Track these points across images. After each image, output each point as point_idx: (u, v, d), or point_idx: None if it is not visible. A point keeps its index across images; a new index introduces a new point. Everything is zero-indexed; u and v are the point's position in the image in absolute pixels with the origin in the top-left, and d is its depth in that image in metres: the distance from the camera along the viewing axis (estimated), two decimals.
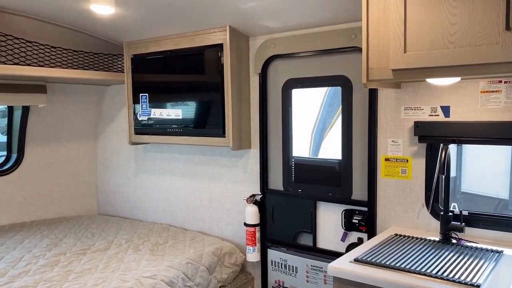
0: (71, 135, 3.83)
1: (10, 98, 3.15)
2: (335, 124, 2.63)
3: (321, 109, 2.70)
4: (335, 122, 2.63)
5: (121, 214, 3.88)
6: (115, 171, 3.90)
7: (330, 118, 2.66)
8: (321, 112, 2.71)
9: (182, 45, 3.01)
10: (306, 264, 2.74)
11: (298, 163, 2.78)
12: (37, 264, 2.61)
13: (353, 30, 2.43)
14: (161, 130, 3.19)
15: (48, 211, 3.73)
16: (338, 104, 2.60)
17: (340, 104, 2.58)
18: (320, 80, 2.63)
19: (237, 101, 2.85)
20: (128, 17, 2.81)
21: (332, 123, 2.66)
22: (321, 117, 2.71)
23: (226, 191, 3.16)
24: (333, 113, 2.65)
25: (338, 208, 2.63)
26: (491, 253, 1.93)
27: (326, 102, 2.68)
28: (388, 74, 1.93)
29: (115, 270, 2.52)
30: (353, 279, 1.78)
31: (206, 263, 2.73)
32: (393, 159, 2.39)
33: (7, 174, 3.47)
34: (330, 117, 2.66)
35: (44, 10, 2.77)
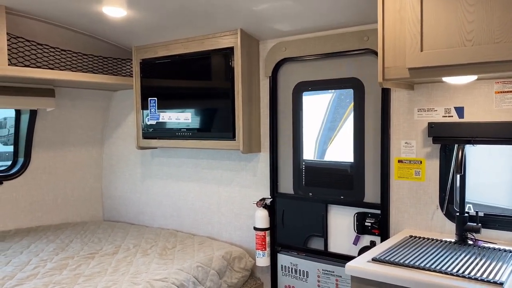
0: (77, 140, 3.81)
1: (19, 101, 3.14)
2: (342, 128, 2.62)
3: (326, 115, 2.69)
4: (341, 126, 2.63)
5: (127, 220, 3.85)
6: (121, 176, 3.87)
7: (335, 124, 2.65)
8: (326, 117, 2.70)
9: (192, 49, 3.02)
10: (318, 268, 2.71)
11: (308, 166, 2.76)
12: (45, 267, 2.57)
13: (365, 32, 2.44)
14: (170, 134, 3.18)
15: (53, 216, 3.70)
16: (344, 108, 2.59)
17: (346, 108, 2.58)
18: (331, 83, 2.64)
19: (247, 104, 2.85)
20: (138, 21, 2.82)
21: (338, 128, 2.64)
22: (326, 122, 2.69)
23: (235, 195, 3.14)
24: (338, 119, 2.64)
25: (350, 211, 2.61)
26: (510, 253, 1.91)
27: (331, 108, 2.67)
28: (404, 73, 1.93)
29: (125, 273, 2.49)
30: (372, 278, 1.75)
31: (216, 267, 2.70)
32: (406, 161, 2.38)
33: (13, 178, 3.44)
34: (336, 122, 2.64)
35: (56, 14, 2.77)
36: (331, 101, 2.67)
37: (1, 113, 9.56)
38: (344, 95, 2.61)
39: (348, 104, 2.59)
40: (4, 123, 9.85)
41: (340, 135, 2.64)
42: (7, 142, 8.02)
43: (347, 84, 2.58)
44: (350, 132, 2.60)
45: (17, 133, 3.52)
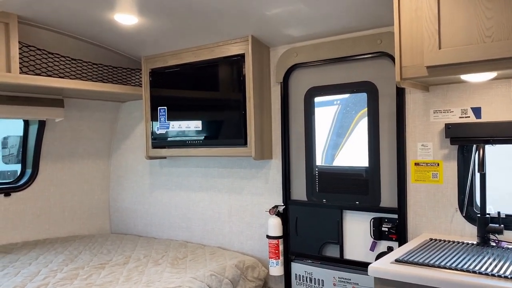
0: (85, 152, 3.79)
1: (28, 111, 3.13)
2: (353, 132, 2.60)
3: (335, 120, 2.68)
4: (352, 131, 2.61)
5: (134, 233, 3.79)
6: (129, 188, 3.83)
7: (345, 129, 2.63)
8: (334, 123, 2.68)
9: (202, 57, 3.02)
10: (333, 276, 2.65)
11: (322, 172, 2.73)
12: (56, 277, 2.52)
13: (379, 36, 2.44)
14: (180, 143, 3.15)
15: (60, 229, 3.64)
16: (355, 113, 2.58)
17: (358, 112, 2.56)
18: (344, 87, 2.62)
19: (259, 111, 2.84)
20: (148, 29, 2.83)
21: (348, 134, 2.62)
22: (335, 128, 2.67)
23: (247, 204, 3.10)
24: (349, 124, 2.62)
25: (366, 217, 2.56)
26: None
27: (340, 113, 2.65)
28: (422, 71, 1.92)
29: (138, 282, 2.43)
30: (397, 279, 1.70)
31: (230, 276, 2.64)
32: (423, 164, 2.35)
33: (21, 190, 3.41)
34: (345, 127, 2.62)
35: (68, 22, 2.78)
36: (341, 106, 2.66)
37: (3, 132, 9.57)
38: (354, 100, 2.59)
39: (359, 108, 2.57)
40: (5, 142, 9.84)
41: (353, 140, 2.61)
42: (8, 162, 7.99)
43: (361, 88, 2.56)
44: (364, 137, 2.57)
45: (25, 144, 3.50)
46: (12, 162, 7.44)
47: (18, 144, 7.15)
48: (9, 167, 7.27)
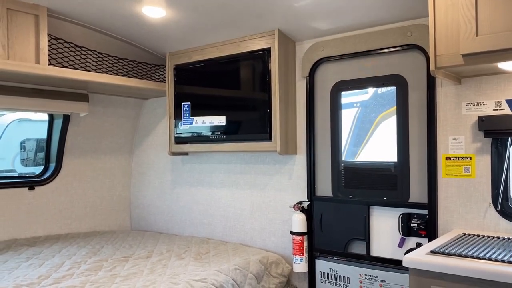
0: (108, 148, 3.80)
1: (54, 104, 3.15)
2: (379, 127, 2.57)
3: (357, 115, 2.65)
4: (376, 126, 2.57)
5: (155, 229, 3.78)
6: (151, 185, 3.83)
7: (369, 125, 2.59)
8: (357, 118, 2.65)
9: (227, 52, 3.01)
10: (360, 273, 2.60)
11: (348, 168, 2.69)
12: (80, 268, 2.51)
13: (408, 28, 2.41)
14: (203, 138, 3.14)
15: (81, 224, 3.65)
16: (384, 107, 2.54)
17: (386, 107, 2.52)
18: (372, 81, 2.59)
19: (284, 105, 2.81)
20: (175, 23, 2.83)
21: (372, 129, 2.59)
22: (360, 122, 2.64)
23: (270, 200, 3.06)
24: (369, 125, 2.59)
25: (394, 213, 2.51)
26: None
27: (367, 108, 2.62)
28: (458, 60, 1.88)
29: (162, 274, 2.41)
30: (433, 269, 1.65)
31: (254, 270, 2.60)
32: (454, 158, 2.29)
33: (45, 184, 3.42)
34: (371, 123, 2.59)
35: (96, 16, 2.80)
36: (368, 99, 2.62)
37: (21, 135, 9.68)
38: (381, 93, 2.55)
39: (388, 103, 2.53)
40: (23, 145, 9.97)
41: (380, 135, 2.57)
42: (26, 165, 8.08)
43: (390, 81, 2.53)
44: (392, 132, 2.53)
45: (49, 138, 3.52)
46: (30, 165, 7.54)
47: (35, 148, 7.24)
48: (28, 169, 7.36)
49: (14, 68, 2.50)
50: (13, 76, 2.69)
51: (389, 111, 2.54)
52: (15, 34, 2.55)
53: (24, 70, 2.54)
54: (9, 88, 2.89)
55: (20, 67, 2.52)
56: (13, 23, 2.54)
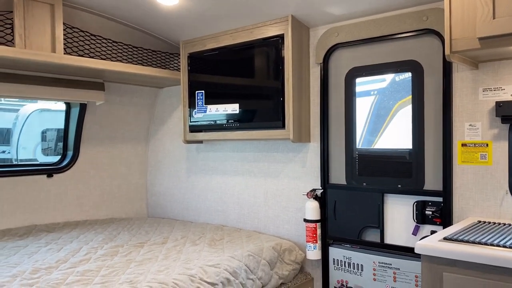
0: (124, 136, 3.85)
1: (70, 93, 3.20)
2: (397, 114, 2.53)
3: (375, 102, 2.61)
4: (395, 113, 2.53)
5: (171, 216, 3.83)
6: (166, 172, 3.87)
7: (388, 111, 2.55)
8: (374, 105, 2.61)
9: (241, 39, 3.00)
10: (373, 261, 2.59)
11: (362, 155, 2.67)
12: (97, 253, 2.56)
13: (424, 12, 2.36)
14: (217, 126, 3.15)
15: (99, 211, 3.72)
16: (400, 93, 2.50)
17: (403, 93, 2.48)
18: (387, 67, 2.55)
19: (297, 92, 2.80)
20: (188, 11, 2.83)
21: (390, 116, 2.55)
22: (377, 109, 2.60)
23: (283, 188, 3.06)
24: (392, 105, 2.55)
25: (409, 200, 2.48)
26: None
27: (384, 94, 2.58)
28: (474, 43, 1.84)
29: (176, 259, 2.45)
30: (446, 256, 1.64)
31: (267, 257, 2.62)
32: (470, 144, 2.25)
33: (63, 171, 3.49)
34: (388, 109, 2.55)
35: (110, 5, 2.83)
36: (382, 90, 2.58)
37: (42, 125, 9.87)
38: (396, 84, 2.51)
39: (406, 90, 2.49)
40: (44, 135, 10.16)
41: (393, 123, 2.53)
42: (47, 154, 8.23)
43: (405, 67, 2.48)
44: (404, 119, 2.49)
45: (67, 127, 3.58)
46: (50, 154, 7.71)
47: (56, 137, 7.39)
48: (48, 158, 7.52)
49: (30, 57, 2.54)
50: (30, 65, 2.73)
51: (406, 99, 2.50)
52: (31, 24, 2.59)
53: (41, 59, 2.58)
54: (27, 77, 2.94)
55: (37, 56, 2.57)
56: (29, 13, 2.58)
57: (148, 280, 2.07)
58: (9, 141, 10.37)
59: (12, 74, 2.86)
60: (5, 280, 2.06)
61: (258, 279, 2.48)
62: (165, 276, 2.14)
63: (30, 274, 2.15)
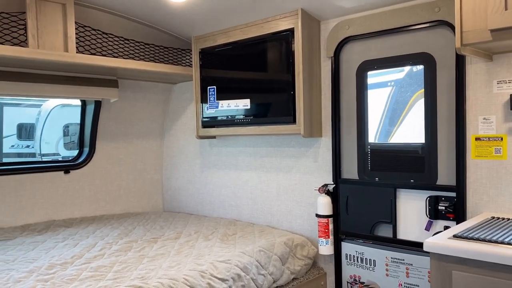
0: (139, 132, 3.89)
1: (85, 91, 3.24)
2: (412, 108, 2.48)
3: (391, 95, 2.56)
4: (411, 107, 2.48)
5: (186, 211, 3.87)
6: (181, 168, 3.91)
7: (402, 104, 2.50)
8: (390, 98, 2.56)
9: (251, 34, 2.99)
10: (386, 256, 2.57)
11: (374, 150, 2.63)
12: (111, 249, 2.61)
13: (436, 3, 2.30)
14: (229, 122, 3.16)
15: (115, 206, 3.78)
16: (414, 87, 2.45)
17: (416, 87, 2.43)
18: (399, 60, 2.50)
19: (308, 87, 2.77)
20: (198, 7, 2.83)
21: (407, 109, 2.50)
22: (392, 103, 2.55)
23: (295, 183, 3.06)
24: (407, 99, 2.49)
25: (422, 195, 2.45)
26: None
27: (398, 87, 2.53)
28: (485, 36, 1.79)
29: (188, 255, 2.48)
30: (454, 254, 1.61)
31: (279, 252, 2.62)
32: (484, 138, 2.20)
33: (80, 168, 3.56)
34: (403, 103, 2.50)
35: (121, 3, 2.85)
36: (399, 80, 2.53)
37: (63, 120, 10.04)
38: (413, 74, 2.46)
39: (418, 83, 2.44)
40: (66, 130, 10.35)
41: (410, 115, 2.49)
42: (70, 148, 8.39)
43: (417, 60, 2.43)
44: (420, 112, 2.44)
45: (83, 123, 3.64)
46: (73, 148, 7.86)
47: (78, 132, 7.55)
48: (70, 153, 7.68)
49: (43, 56, 2.58)
50: (44, 64, 2.78)
51: (423, 90, 2.44)
52: (44, 23, 2.63)
53: (53, 58, 2.63)
54: (41, 76, 2.99)
55: (50, 56, 2.61)
56: (42, 13, 2.62)
57: (159, 276, 2.10)
58: (33, 136, 10.63)
59: (26, 74, 2.91)
60: (22, 276, 2.12)
61: (269, 274, 2.49)
62: (176, 272, 2.16)
63: (46, 270, 2.21)
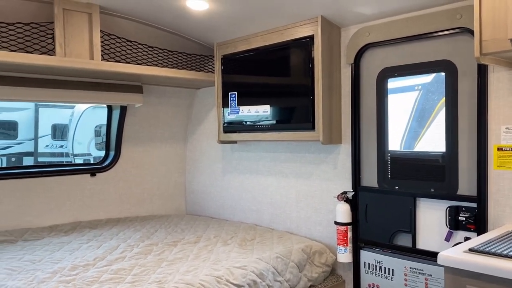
0: (163, 136, 3.97)
1: (110, 96, 3.34)
2: (437, 117, 2.43)
3: (416, 104, 2.51)
4: (435, 116, 2.43)
5: (208, 214, 3.92)
6: (203, 171, 3.96)
7: (426, 113, 2.46)
8: (416, 106, 2.52)
9: (271, 41, 3.00)
10: (405, 266, 2.53)
11: (394, 158, 2.60)
12: (132, 252, 2.68)
13: (458, 10, 2.26)
14: (249, 127, 3.18)
15: (140, 209, 3.87)
16: (438, 96, 2.40)
17: (440, 96, 2.38)
18: (420, 67, 2.47)
19: (328, 93, 2.77)
20: (219, 15, 2.87)
21: (432, 118, 2.45)
22: (416, 111, 2.51)
23: (315, 189, 3.05)
24: (431, 108, 2.45)
25: (442, 205, 2.40)
26: None
27: (421, 96, 2.49)
28: (505, 45, 1.75)
29: (206, 260, 2.51)
30: (469, 268, 1.58)
31: (296, 259, 2.63)
32: (507, 148, 2.14)
33: (106, 170, 3.66)
34: (427, 111, 2.45)
35: (144, 11, 2.92)
36: (423, 89, 2.49)
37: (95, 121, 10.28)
38: (437, 83, 2.41)
39: (442, 92, 2.39)
40: (98, 131, 10.60)
41: (433, 124, 2.44)
42: (101, 148, 8.62)
43: (438, 67, 2.39)
44: (440, 121, 2.40)
45: (109, 128, 3.75)
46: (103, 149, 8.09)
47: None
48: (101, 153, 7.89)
49: (70, 64, 2.68)
50: (71, 71, 2.88)
51: None
52: (70, 32, 2.73)
53: (79, 66, 2.72)
54: (68, 82, 3.11)
55: (76, 64, 2.71)
56: (69, 22, 2.71)
57: (175, 280, 2.15)
58: (66, 136, 10.97)
59: (54, 80, 3.03)
60: (46, 276, 2.21)
61: (286, 281, 2.50)
62: (192, 277, 2.21)
63: (69, 271, 2.29)
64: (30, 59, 2.54)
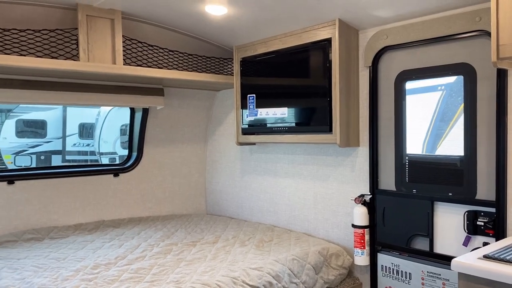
0: (184, 137, 4.05)
1: (133, 99, 3.43)
2: (458, 121, 2.40)
3: (438, 107, 2.49)
4: (457, 120, 2.41)
5: (227, 214, 3.98)
6: (223, 172, 4.02)
7: (448, 116, 2.43)
8: (438, 110, 2.50)
9: (289, 44, 3.03)
10: (422, 270, 2.52)
11: (412, 161, 2.59)
12: (152, 251, 2.75)
13: (477, 13, 2.23)
14: (267, 130, 3.21)
15: (161, 208, 3.96)
16: (459, 100, 2.37)
17: (461, 100, 2.36)
18: (438, 70, 2.45)
19: (345, 96, 2.77)
20: (238, 19, 2.91)
21: (453, 122, 2.43)
22: (438, 114, 2.49)
23: (332, 192, 3.06)
24: (453, 112, 2.42)
25: (460, 209, 2.38)
26: None
27: (443, 100, 2.46)
28: None
29: (223, 260, 2.56)
30: (483, 276, 1.57)
31: (312, 261, 2.65)
32: None
33: (128, 171, 3.76)
34: (448, 115, 2.43)
35: (165, 16, 2.99)
36: (446, 89, 2.46)
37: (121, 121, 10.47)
38: (460, 84, 2.38)
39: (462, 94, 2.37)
40: (125, 130, 10.77)
41: (456, 125, 2.41)
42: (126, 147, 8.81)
43: (457, 70, 2.37)
44: (459, 124, 2.38)
45: (132, 129, 3.85)
46: None
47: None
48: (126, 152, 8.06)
49: (93, 69, 2.77)
50: (94, 75, 2.98)
51: None
52: (94, 38, 2.81)
53: (102, 70, 2.81)
54: (92, 85, 3.20)
55: (99, 68, 2.79)
56: (92, 28, 2.80)
57: (192, 281, 2.20)
58: (93, 135, 11.24)
59: (79, 84, 3.13)
60: (69, 275, 2.30)
61: (302, 283, 2.53)
62: (209, 277, 2.26)
63: (91, 270, 2.38)
64: (55, 64, 2.63)
